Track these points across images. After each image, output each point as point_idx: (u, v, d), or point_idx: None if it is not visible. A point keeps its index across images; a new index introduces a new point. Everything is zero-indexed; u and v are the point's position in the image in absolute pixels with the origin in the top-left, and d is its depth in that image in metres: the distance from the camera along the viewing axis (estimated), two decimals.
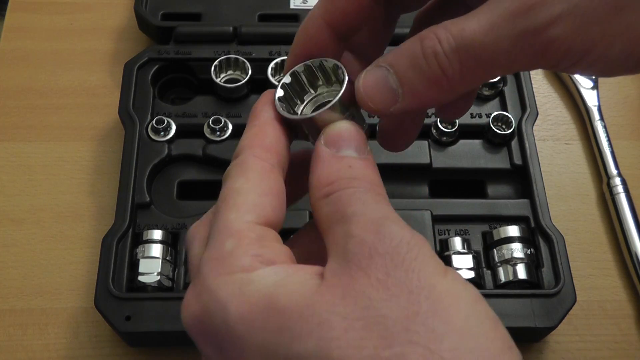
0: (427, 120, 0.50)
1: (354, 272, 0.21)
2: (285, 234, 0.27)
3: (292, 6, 0.59)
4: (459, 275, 0.22)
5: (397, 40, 0.29)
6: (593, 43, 0.24)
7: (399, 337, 0.19)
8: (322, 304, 0.21)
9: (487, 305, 0.22)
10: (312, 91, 0.29)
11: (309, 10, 0.59)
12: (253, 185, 0.25)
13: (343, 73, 0.27)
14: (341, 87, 0.26)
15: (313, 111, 0.28)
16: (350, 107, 0.27)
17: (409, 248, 0.21)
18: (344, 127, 0.26)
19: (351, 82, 0.27)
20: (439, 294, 0.21)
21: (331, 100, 0.26)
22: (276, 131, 0.27)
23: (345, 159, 0.25)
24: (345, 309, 0.20)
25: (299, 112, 0.29)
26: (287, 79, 0.29)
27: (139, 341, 0.45)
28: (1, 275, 0.48)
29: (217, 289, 0.23)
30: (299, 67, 0.29)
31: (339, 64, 0.28)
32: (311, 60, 0.28)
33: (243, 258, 0.23)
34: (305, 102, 0.29)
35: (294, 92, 0.29)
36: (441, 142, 0.52)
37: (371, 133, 0.29)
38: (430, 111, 0.51)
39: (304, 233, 0.30)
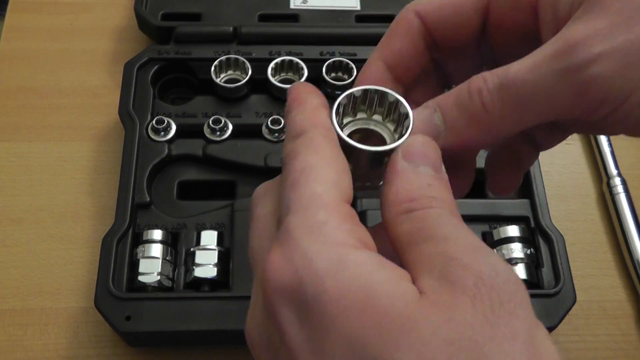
0: None
1: (458, 295, 0.21)
2: None
3: (292, 6, 0.59)
4: (548, 334, 0.22)
5: None
6: (634, 85, 0.24)
7: None
8: (426, 322, 0.20)
9: None
10: (353, 115, 0.29)
11: (308, 10, 0.59)
12: (329, 163, 0.25)
13: (405, 109, 0.27)
14: (400, 127, 0.27)
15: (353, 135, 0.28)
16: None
17: (516, 288, 0.21)
18: (423, 142, 0.26)
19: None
20: (538, 347, 0.21)
21: (389, 144, 0.26)
22: (329, 119, 0.27)
23: (424, 176, 0.25)
24: (450, 334, 0.20)
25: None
26: (343, 100, 0.28)
27: (139, 341, 0.45)
28: (1, 275, 0.48)
29: (313, 257, 0.22)
30: (356, 91, 0.28)
31: (400, 99, 0.27)
32: (372, 87, 0.28)
33: (338, 231, 0.23)
34: (344, 124, 0.29)
35: (351, 106, 0.29)
36: None
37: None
38: None
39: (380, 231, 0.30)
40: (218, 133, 0.51)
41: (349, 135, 0.27)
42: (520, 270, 0.45)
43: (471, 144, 0.27)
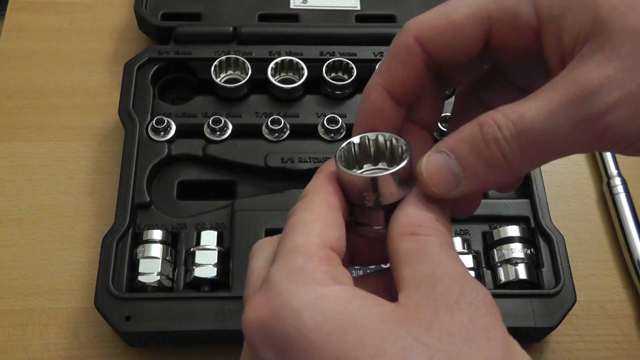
0: None
1: (439, 310, 0.23)
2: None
3: (292, 6, 0.60)
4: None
5: None
6: None
7: None
8: (407, 332, 0.22)
9: None
10: (372, 163, 0.30)
11: (308, 10, 0.59)
12: (318, 217, 0.27)
13: (407, 148, 0.28)
14: (402, 160, 0.28)
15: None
16: (408, 182, 0.28)
17: (491, 305, 0.24)
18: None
19: (411, 160, 0.28)
20: (511, 349, 0.23)
21: (389, 169, 0.28)
22: (338, 184, 0.29)
23: (433, 212, 0.27)
24: (430, 340, 0.22)
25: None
26: (355, 140, 0.30)
27: (139, 341, 0.45)
28: (1, 275, 0.48)
29: (290, 296, 0.24)
30: (370, 135, 0.30)
31: (402, 141, 0.29)
32: (381, 133, 0.30)
33: (314, 272, 0.25)
34: (362, 170, 0.30)
35: (355, 157, 0.30)
36: None
37: None
38: None
39: (368, 279, 0.31)
40: (218, 133, 0.51)
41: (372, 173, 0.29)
42: (521, 270, 0.45)
43: (489, 188, 0.28)
